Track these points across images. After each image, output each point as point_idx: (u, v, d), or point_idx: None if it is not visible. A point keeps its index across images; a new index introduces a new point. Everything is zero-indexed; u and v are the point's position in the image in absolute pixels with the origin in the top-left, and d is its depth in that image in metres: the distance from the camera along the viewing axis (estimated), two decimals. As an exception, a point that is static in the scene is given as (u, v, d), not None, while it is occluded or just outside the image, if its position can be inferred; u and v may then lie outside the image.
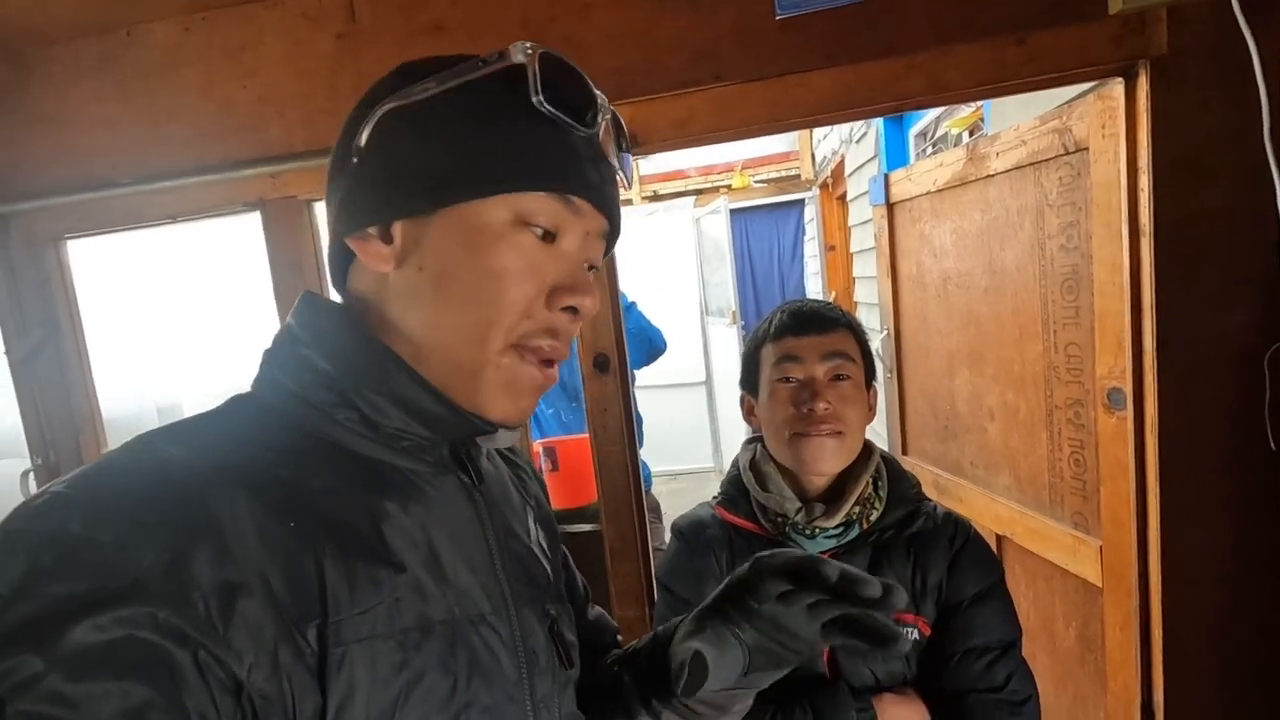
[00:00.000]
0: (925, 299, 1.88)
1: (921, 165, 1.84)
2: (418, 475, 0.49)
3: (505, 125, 0.45)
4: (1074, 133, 1.28)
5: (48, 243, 1.53)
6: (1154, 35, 1.06)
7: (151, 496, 0.38)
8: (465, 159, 0.45)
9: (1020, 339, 1.53)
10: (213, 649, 0.36)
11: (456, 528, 0.49)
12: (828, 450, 0.82)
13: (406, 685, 0.42)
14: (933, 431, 1.93)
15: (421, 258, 0.46)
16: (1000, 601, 0.84)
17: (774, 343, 0.88)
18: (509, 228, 0.45)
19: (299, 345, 0.48)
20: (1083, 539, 1.38)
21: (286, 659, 0.38)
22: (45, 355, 1.57)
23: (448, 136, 0.45)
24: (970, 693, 0.80)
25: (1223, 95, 1.05)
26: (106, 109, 1.42)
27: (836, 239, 4.82)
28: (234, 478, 0.41)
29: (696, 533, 0.91)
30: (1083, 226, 1.31)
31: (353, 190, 0.47)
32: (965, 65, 1.13)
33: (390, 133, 0.46)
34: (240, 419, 0.47)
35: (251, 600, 0.38)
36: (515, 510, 0.58)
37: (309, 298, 0.50)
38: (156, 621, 0.35)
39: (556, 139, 0.46)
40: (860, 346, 0.88)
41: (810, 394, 0.83)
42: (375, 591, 0.42)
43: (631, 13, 1.21)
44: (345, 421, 0.46)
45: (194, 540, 0.37)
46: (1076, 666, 1.47)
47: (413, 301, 0.46)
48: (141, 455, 0.41)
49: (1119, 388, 1.22)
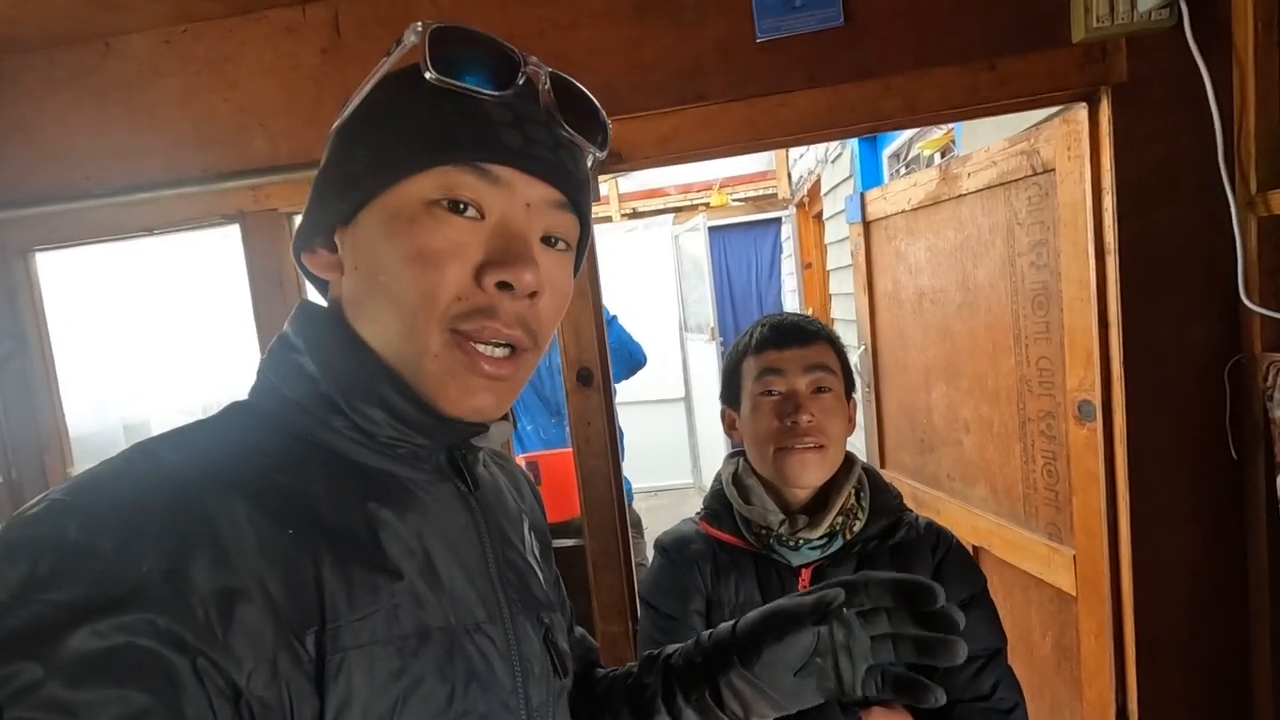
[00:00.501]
0: (901, 315, 1.92)
1: (896, 185, 1.90)
2: (414, 483, 0.48)
3: (405, 110, 0.45)
4: (1041, 154, 1.33)
5: (16, 254, 1.50)
6: (1115, 63, 1.12)
7: (150, 503, 0.38)
8: (374, 153, 0.45)
9: (994, 353, 1.57)
10: (212, 655, 0.36)
11: (453, 536, 0.49)
12: (811, 465, 0.83)
13: (404, 692, 0.42)
14: (910, 444, 1.96)
15: (355, 258, 0.46)
16: (984, 609, 0.85)
17: (755, 356, 0.88)
18: (422, 209, 0.43)
19: (294, 353, 0.48)
20: (1057, 549, 1.41)
21: (285, 665, 0.38)
22: (11, 370, 1.53)
23: (361, 137, 0.46)
24: (957, 702, 0.80)
25: (1180, 120, 1.11)
26: (83, 119, 1.40)
27: (813, 256, 4.89)
28: (232, 484, 0.41)
29: (680, 548, 0.90)
30: (1051, 244, 1.35)
31: (306, 211, 0.50)
32: (940, 88, 1.17)
33: (330, 151, 0.49)
34: (237, 426, 0.47)
35: (250, 607, 0.38)
36: (511, 518, 0.57)
37: (305, 305, 0.50)
38: (156, 628, 0.34)
39: (464, 110, 0.44)
40: (840, 359, 0.89)
41: (793, 406, 0.84)
42: (373, 598, 0.42)
43: (617, 31, 1.24)
44: (341, 429, 0.46)
45: (193, 547, 0.37)
46: (1053, 675, 1.49)
47: (359, 305, 0.46)
48: (139, 462, 0.41)
49: (1089, 400, 1.26)
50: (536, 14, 1.26)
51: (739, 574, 0.86)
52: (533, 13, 1.26)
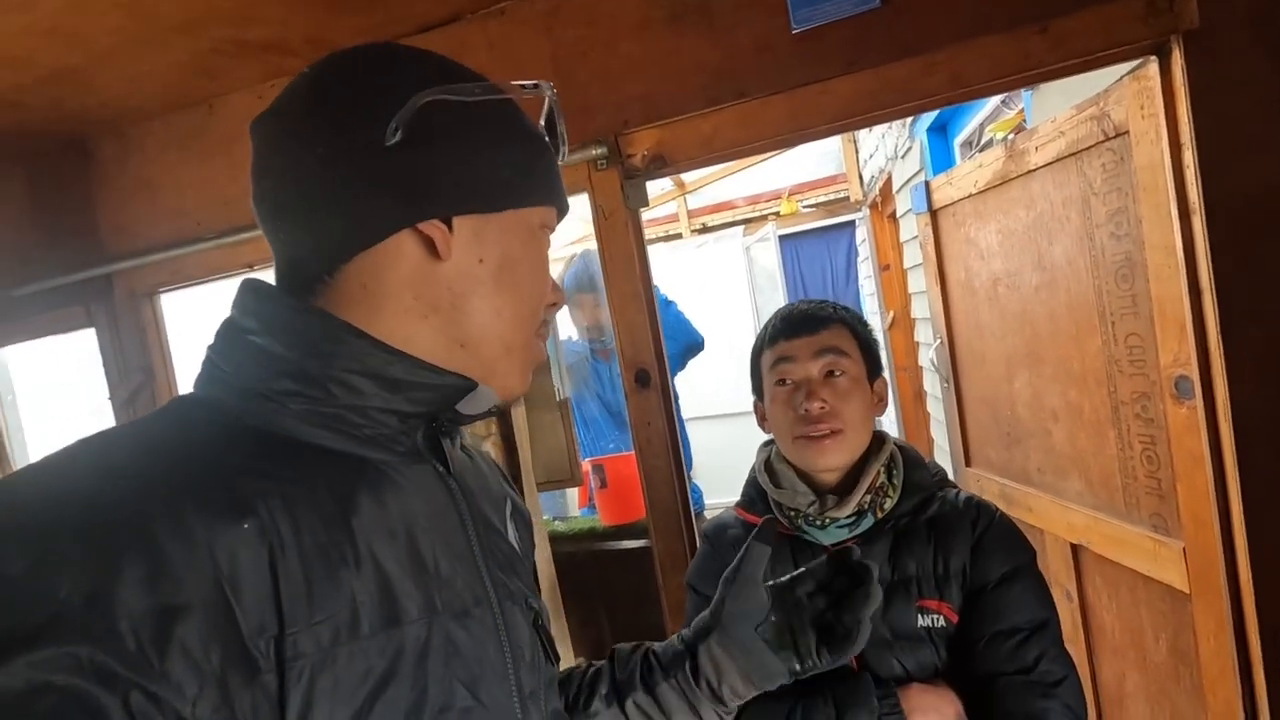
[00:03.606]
0: (976, 303, 1.83)
1: (961, 168, 1.82)
2: (388, 465, 0.46)
3: (538, 149, 0.53)
4: (1112, 118, 1.25)
5: (144, 296, 1.70)
6: (1184, 9, 1.04)
7: (69, 516, 0.33)
8: (525, 167, 0.51)
9: (1077, 334, 1.47)
10: (148, 687, 0.32)
11: (435, 517, 0.48)
12: (829, 451, 0.84)
13: (371, 693, 0.40)
14: (995, 439, 1.85)
15: (482, 251, 0.49)
16: (1030, 581, 0.82)
17: (770, 348, 0.91)
18: (541, 231, 0.53)
19: (248, 334, 0.45)
20: (1163, 542, 1.29)
21: (237, 683, 0.35)
22: (143, 398, 1.73)
23: (504, 144, 0.50)
24: (1000, 675, 0.77)
25: (1264, 63, 1.01)
26: (192, 173, 1.59)
27: (890, 257, 4.73)
28: (176, 485, 0.37)
29: (719, 533, 0.95)
30: (1131, 212, 1.26)
31: (401, 176, 0.45)
32: (987, 58, 1.13)
33: (442, 125, 0.46)
34: (183, 420, 0.44)
35: (191, 623, 0.34)
36: (494, 502, 0.57)
37: (253, 284, 0.48)
38: (79, 662, 0.30)
39: (555, 163, 0.55)
40: (859, 340, 0.89)
41: (805, 394, 0.85)
42: (336, 596, 0.40)
43: (654, 41, 1.28)
44: (302, 413, 0.44)
45: (120, 563, 0.33)
46: (1171, 683, 1.35)
47: (469, 292, 0.48)
48: (63, 468, 0.37)
49: (1185, 375, 1.15)
50: (577, 34, 1.32)
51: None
52: (574, 33, 1.32)
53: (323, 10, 1.24)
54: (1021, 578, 0.82)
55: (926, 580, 0.82)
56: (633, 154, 1.31)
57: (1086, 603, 1.58)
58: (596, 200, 1.32)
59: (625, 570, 1.56)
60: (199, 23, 1.22)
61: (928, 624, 0.81)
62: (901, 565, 0.83)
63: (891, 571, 0.84)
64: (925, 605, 0.81)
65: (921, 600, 0.82)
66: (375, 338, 0.46)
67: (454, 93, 0.47)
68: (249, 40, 1.32)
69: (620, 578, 1.63)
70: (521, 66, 1.33)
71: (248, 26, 1.26)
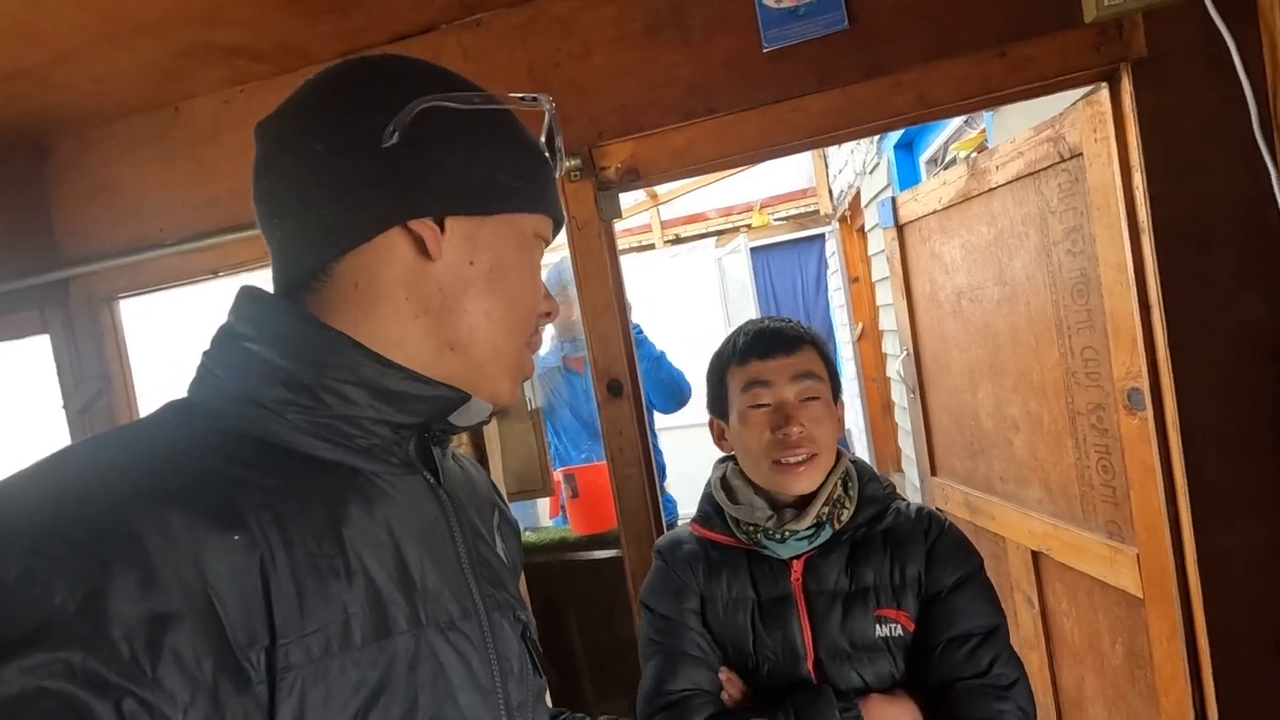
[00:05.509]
0: (941, 316, 1.88)
1: (926, 185, 1.88)
2: (379, 476, 0.46)
3: (537, 159, 0.54)
4: (1067, 140, 1.30)
5: (102, 302, 1.65)
6: (1133, 39, 1.09)
7: (63, 523, 0.33)
8: (520, 175, 0.51)
9: (1037, 347, 1.52)
10: (140, 694, 0.32)
11: (424, 529, 0.48)
12: (805, 476, 0.84)
13: (364, 705, 0.40)
14: (960, 449, 1.90)
15: (474, 253, 0.48)
16: (979, 589, 0.85)
17: (741, 366, 0.88)
18: (534, 240, 0.53)
19: (244, 341, 0.45)
20: (1119, 549, 1.34)
21: (228, 692, 0.35)
22: (98, 408, 1.68)
23: (499, 150, 0.50)
24: (956, 681, 0.79)
25: (1207, 91, 1.07)
26: (157, 177, 1.55)
27: (859, 270, 4.82)
28: (165, 491, 0.37)
29: (674, 550, 0.93)
30: (1086, 230, 1.31)
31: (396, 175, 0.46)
32: (951, 80, 1.17)
33: (440, 130, 0.47)
34: (176, 427, 0.44)
35: (183, 631, 0.34)
36: (483, 513, 0.57)
37: (250, 292, 0.48)
38: (71, 668, 0.30)
39: (551, 174, 0.55)
40: (825, 363, 0.90)
41: (783, 418, 0.84)
42: (327, 607, 0.40)
43: (628, 54, 1.29)
44: (298, 422, 0.44)
45: (113, 570, 0.33)
46: (1127, 685, 1.39)
47: (461, 294, 0.48)
48: (54, 474, 0.37)
49: (1137, 387, 1.20)
50: (553, 45, 1.33)
51: (731, 570, 0.88)
52: (549, 44, 1.33)
53: (295, 16, 1.23)
54: (972, 584, 0.84)
55: (884, 589, 0.84)
56: (606, 166, 1.32)
57: (1047, 608, 1.62)
58: (570, 211, 1.33)
59: (597, 580, 1.56)
60: (166, 24, 1.19)
61: (885, 633, 0.83)
62: (859, 575, 0.84)
63: (850, 582, 0.84)
64: (883, 614, 0.82)
65: (880, 610, 0.83)
66: (370, 349, 0.45)
67: (453, 100, 0.48)
68: (218, 43, 1.30)
69: (592, 588, 1.63)
70: (497, 77, 1.34)
71: (217, 29, 1.24)
